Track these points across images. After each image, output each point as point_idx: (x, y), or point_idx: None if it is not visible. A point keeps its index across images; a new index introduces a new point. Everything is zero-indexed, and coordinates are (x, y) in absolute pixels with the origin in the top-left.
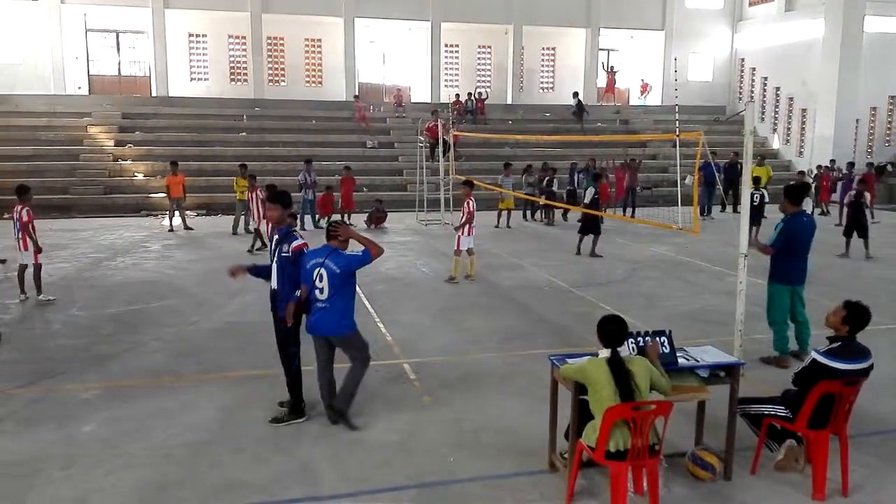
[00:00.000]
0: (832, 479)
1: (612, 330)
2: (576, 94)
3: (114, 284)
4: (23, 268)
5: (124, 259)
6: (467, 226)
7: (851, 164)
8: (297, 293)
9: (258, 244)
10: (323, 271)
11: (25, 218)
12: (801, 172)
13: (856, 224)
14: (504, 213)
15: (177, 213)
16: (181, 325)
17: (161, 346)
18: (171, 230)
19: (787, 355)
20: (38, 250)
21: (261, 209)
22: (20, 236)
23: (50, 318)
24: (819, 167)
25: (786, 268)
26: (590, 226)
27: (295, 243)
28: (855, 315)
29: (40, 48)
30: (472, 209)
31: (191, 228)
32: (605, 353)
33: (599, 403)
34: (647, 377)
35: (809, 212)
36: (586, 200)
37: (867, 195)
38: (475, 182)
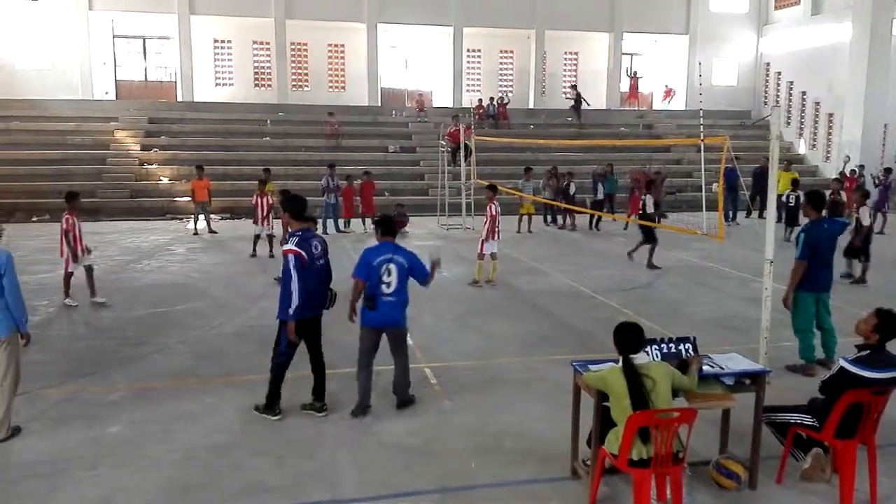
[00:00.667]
0: (860, 490)
1: (627, 337)
2: (574, 87)
3: (140, 287)
4: (88, 269)
5: (150, 262)
6: (492, 230)
7: (888, 171)
8: (290, 310)
9: (262, 247)
10: (392, 266)
11: (64, 226)
12: (836, 180)
13: None
14: (525, 217)
15: (202, 216)
16: (205, 328)
17: (185, 349)
18: (196, 234)
19: (814, 363)
20: (67, 259)
21: (264, 213)
22: (61, 241)
23: (78, 319)
24: (842, 172)
25: (810, 275)
26: (651, 235)
27: (285, 247)
28: (886, 323)
29: (69, 54)
30: (494, 213)
31: (215, 232)
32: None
33: (621, 411)
34: (668, 382)
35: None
36: (649, 210)
37: None
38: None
